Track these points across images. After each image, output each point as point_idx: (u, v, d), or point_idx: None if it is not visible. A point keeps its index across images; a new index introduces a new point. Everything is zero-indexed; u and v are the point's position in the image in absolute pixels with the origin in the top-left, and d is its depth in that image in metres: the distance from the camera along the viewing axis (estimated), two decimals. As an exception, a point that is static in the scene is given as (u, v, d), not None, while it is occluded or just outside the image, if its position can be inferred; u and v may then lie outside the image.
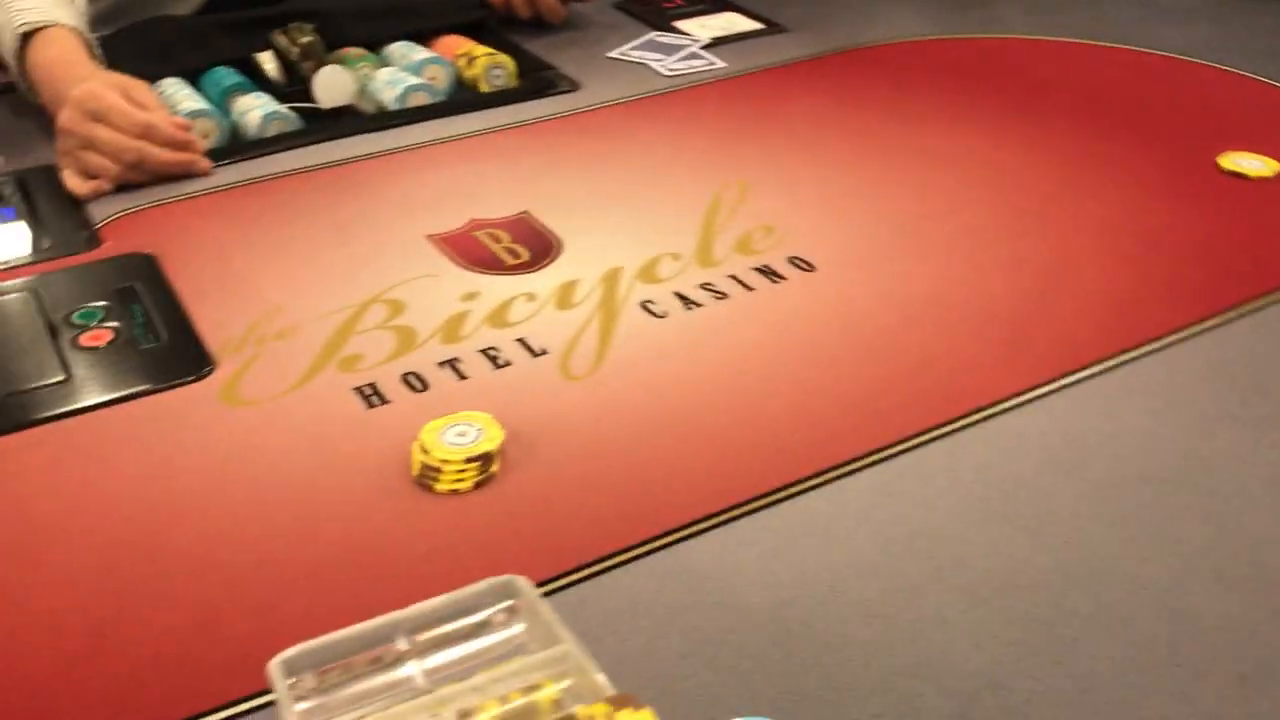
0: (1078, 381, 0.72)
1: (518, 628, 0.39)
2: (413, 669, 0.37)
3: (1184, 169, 0.98)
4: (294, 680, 0.36)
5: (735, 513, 0.62)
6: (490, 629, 0.38)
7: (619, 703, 0.32)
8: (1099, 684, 0.52)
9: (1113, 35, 1.28)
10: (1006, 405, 0.70)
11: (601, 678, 0.35)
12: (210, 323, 0.79)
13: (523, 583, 0.39)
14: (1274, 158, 0.98)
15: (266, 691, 0.45)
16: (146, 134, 0.95)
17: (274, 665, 0.37)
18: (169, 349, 0.76)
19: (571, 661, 0.36)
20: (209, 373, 0.74)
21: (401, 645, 0.38)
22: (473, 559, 0.59)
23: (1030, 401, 0.70)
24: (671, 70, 1.20)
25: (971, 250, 0.86)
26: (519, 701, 0.35)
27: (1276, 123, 1.06)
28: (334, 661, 0.37)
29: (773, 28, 1.31)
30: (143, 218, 0.92)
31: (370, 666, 0.38)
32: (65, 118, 0.95)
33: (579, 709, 0.32)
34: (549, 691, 0.36)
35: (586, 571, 0.58)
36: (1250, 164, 0.97)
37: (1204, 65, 1.20)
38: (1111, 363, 0.74)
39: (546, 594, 0.57)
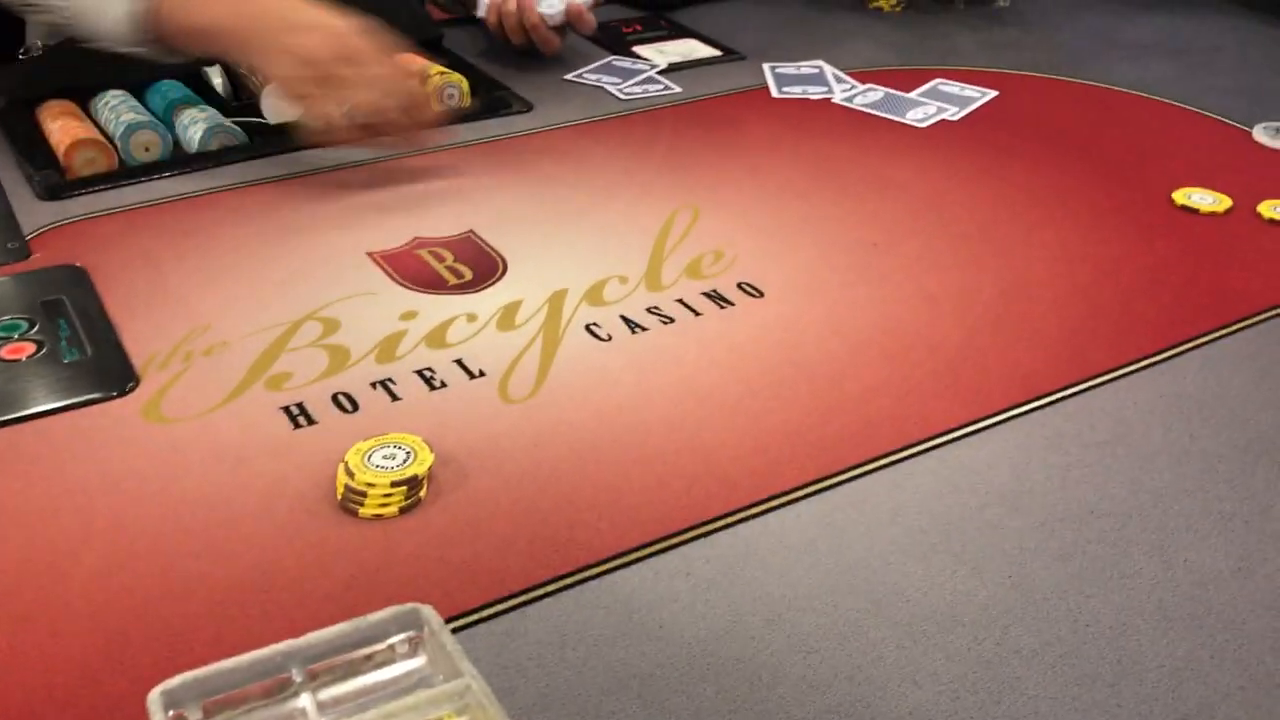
0: (1026, 413, 0.71)
1: (420, 659, 0.36)
2: (306, 701, 0.35)
3: (1138, 203, 0.97)
4: (174, 713, 0.34)
5: (671, 542, 0.60)
6: (391, 660, 0.36)
7: (508, 743, 0.30)
8: (1039, 724, 0.50)
9: (1070, 70, 1.28)
10: (953, 436, 0.68)
11: (500, 714, 0.33)
12: (137, 338, 0.76)
13: (428, 612, 0.37)
14: (1225, 193, 0.97)
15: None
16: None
17: (153, 697, 0.34)
18: (92, 364, 0.73)
19: (471, 696, 0.34)
20: (132, 389, 0.71)
21: (295, 676, 0.35)
22: (395, 587, 0.56)
23: (977, 433, 0.69)
24: (627, 94, 1.18)
25: (922, 279, 0.85)
26: (417, 739, 0.33)
27: (1228, 159, 1.06)
28: (221, 692, 0.35)
29: (730, 55, 1.31)
30: (75, 229, 0.90)
31: (262, 698, 0.35)
32: (327, 46, 0.91)
33: (467, 749, 0.30)
34: (449, 728, 0.33)
35: (514, 601, 0.56)
36: (1202, 199, 0.97)
37: (1159, 101, 1.20)
38: (1061, 395, 0.72)
39: (471, 624, 0.55)
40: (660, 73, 1.24)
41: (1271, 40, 1.41)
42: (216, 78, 1.14)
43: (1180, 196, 0.97)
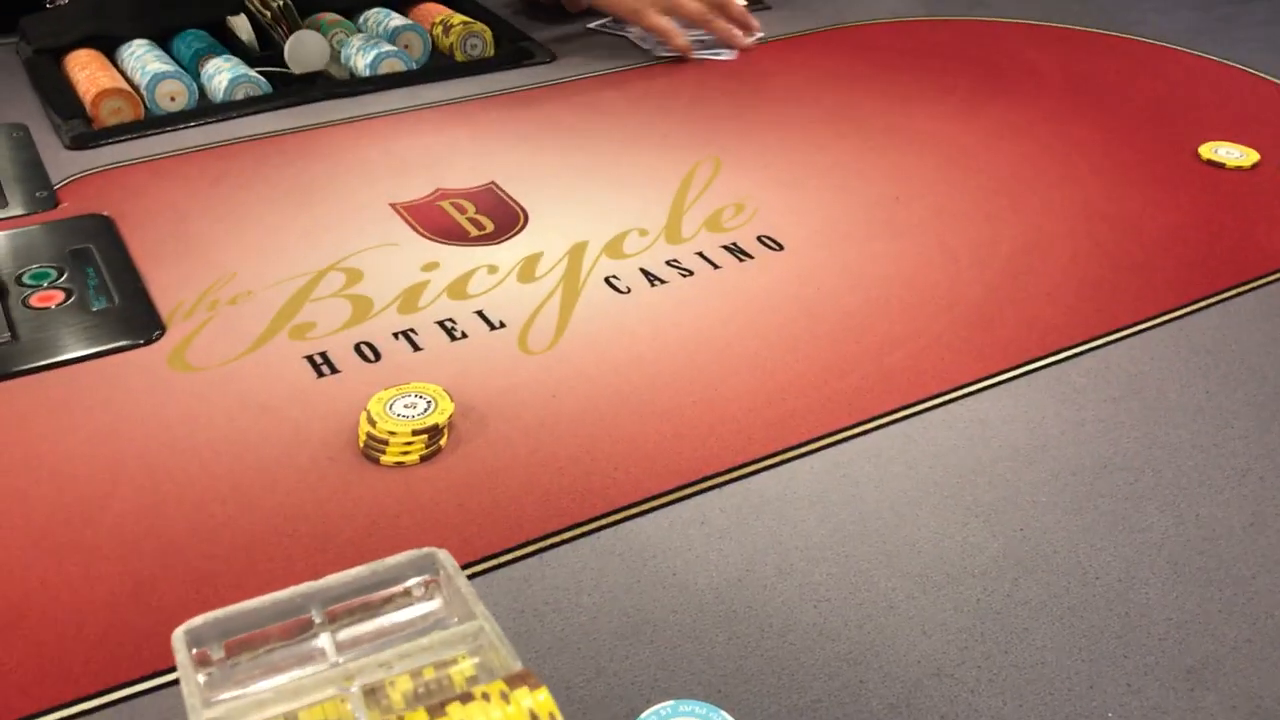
0: (1044, 367, 0.71)
1: (435, 602, 0.37)
2: (325, 641, 0.36)
3: (1163, 157, 0.96)
4: (199, 651, 0.35)
5: (686, 492, 0.61)
6: (408, 603, 0.37)
7: (515, 681, 0.31)
8: (1045, 674, 0.51)
9: (1097, 21, 1.27)
10: (970, 390, 0.69)
11: (512, 655, 0.34)
12: (163, 286, 0.77)
13: (443, 556, 0.38)
14: (1254, 148, 0.96)
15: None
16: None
17: (177, 635, 0.35)
18: (120, 312, 0.74)
19: (484, 638, 0.35)
20: (158, 337, 0.72)
21: (315, 617, 0.37)
22: (414, 532, 0.57)
23: (994, 386, 0.69)
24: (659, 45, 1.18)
25: (943, 233, 0.85)
26: (430, 677, 0.34)
27: (1257, 112, 1.05)
28: (243, 632, 0.36)
29: (757, 4, 1.30)
30: (102, 179, 0.91)
31: (281, 638, 0.36)
32: None
33: (475, 688, 0.31)
34: (463, 667, 0.34)
35: (531, 548, 0.57)
36: (1229, 153, 0.96)
37: (1187, 53, 1.18)
38: (1079, 349, 0.72)
39: (489, 569, 0.56)
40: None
41: (1307, -9, 1.39)
42: (241, 27, 1.15)
43: (1206, 151, 0.96)
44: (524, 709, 0.30)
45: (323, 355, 0.70)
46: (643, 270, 0.80)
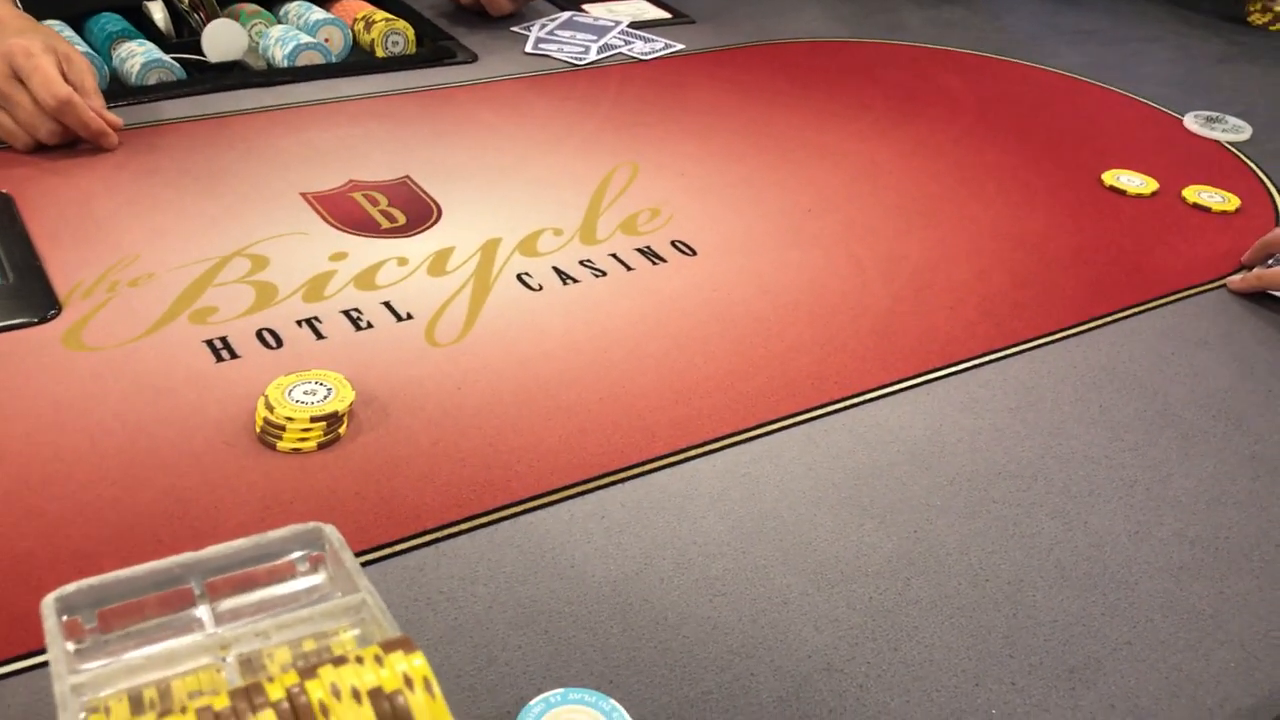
0: (944, 377, 0.72)
1: (319, 576, 0.37)
2: (203, 613, 0.35)
3: (1068, 182, 0.99)
4: (70, 620, 0.34)
5: (588, 487, 0.61)
6: (291, 576, 0.37)
7: (391, 646, 0.31)
8: (932, 671, 0.52)
9: (1012, 51, 1.30)
10: (871, 396, 0.70)
11: (393, 626, 0.33)
12: (62, 266, 0.75)
13: (330, 531, 0.37)
14: (1153, 177, 0.99)
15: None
16: (61, 111, 0.87)
17: (47, 602, 0.34)
18: (14, 290, 0.72)
19: (366, 611, 0.34)
20: (54, 316, 0.70)
21: (195, 588, 0.36)
22: (308, 518, 0.56)
23: (895, 394, 0.70)
24: (600, 52, 1.18)
25: (852, 245, 0.86)
26: (310, 649, 0.33)
27: (1157, 144, 1.09)
28: (118, 601, 0.35)
29: (680, 18, 1.31)
30: (3, 157, 0.88)
31: (159, 611, 0.35)
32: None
33: (350, 652, 0.30)
34: (343, 639, 0.34)
35: (428, 538, 0.56)
36: (1130, 181, 0.99)
37: (1097, 86, 1.22)
38: (979, 361, 0.74)
39: (383, 558, 0.55)
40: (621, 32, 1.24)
41: (1207, 32, 1.44)
42: (158, 13, 1.12)
43: (1109, 178, 0.99)
44: (398, 672, 0.30)
45: (223, 340, 0.69)
46: (556, 269, 0.80)
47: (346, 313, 0.73)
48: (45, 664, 0.47)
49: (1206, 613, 0.56)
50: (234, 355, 0.68)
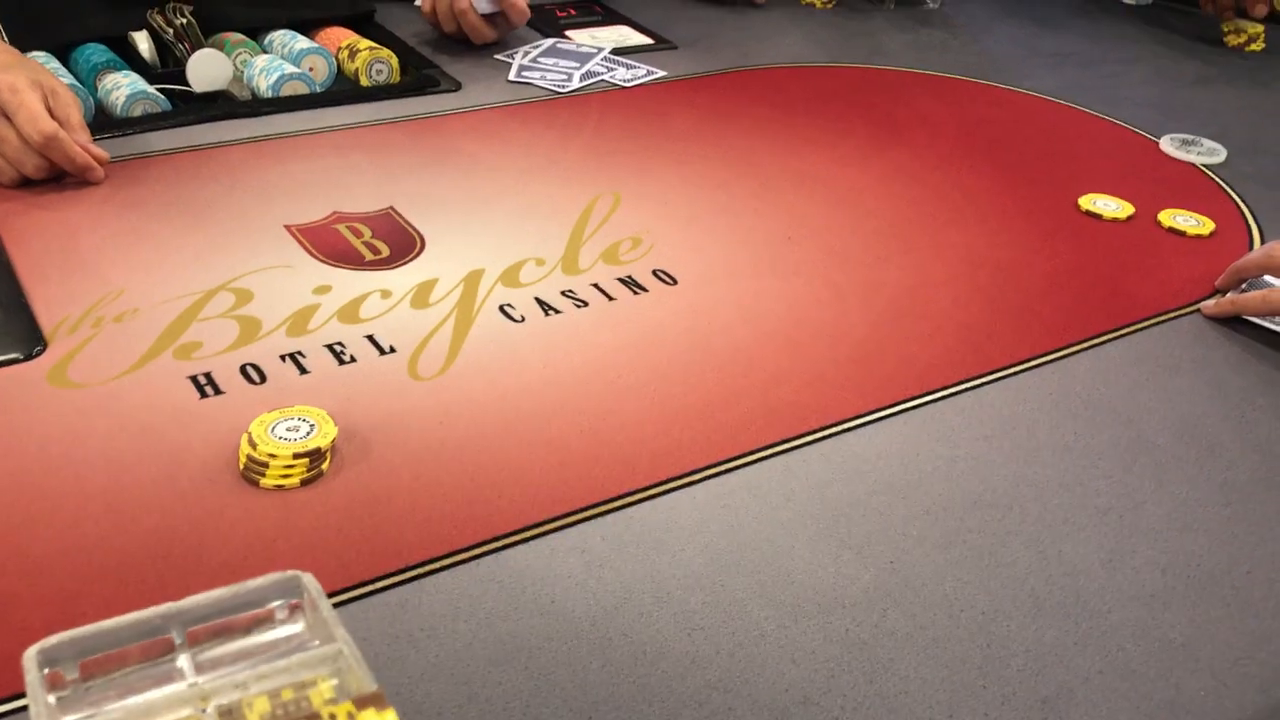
0: (920, 405, 0.73)
1: (299, 625, 0.37)
2: (184, 663, 0.36)
3: (1044, 207, 1.00)
4: (52, 671, 0.35)
5: (567, 520, 0.61)
6: (271, 625, 0.37)
7: (364, 703, 0.31)
8: (907, 703, 0.52)
9: (990, 74, 1.31)
10: (848, 425, 0.70)
11: (368, 678, 0.34)
12: (48, 302, 0.76)
13: (308, 579, 0.38)
14: (1130, 201, 1.01)
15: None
16: (47, 147, 0.87)
17: (29, 655, 0.35)
18: (0, 326, 0.73)
19: (343, 661, 0.35)
20: (39, 353, 0.71)
21: (176, 638, 0.36)
22: (291, 556, 0.57)
23: (872, 423, 0.71)
24: (583, 79, 1.19)
25: (831, 272, 0.87)
26: (289, 698, 0.34)
27: (1134, 168, 1.10)
28: (100, 652, 0.36)
29: (662, 43, 1.32)
30: (-12, 190, 0.89)
31: (140, 660, 0.36)
32: None
33: (324, 709, 0.31)
34: (322, 689, 0.35)
35: (409, 574, 0.57)
36: (1107, 205, 1.00)
37: (1073, 108, 1.23)
38: (955, 389, 0.75)
39: (366, 595, 0.56)
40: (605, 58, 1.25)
41: (1183, 54, 1.46)
42: (143, 43, 1.13)
43: (1086, 202, 1.00)
44: (371, 730, 0.31)
45: (207, 376, 0.69)
46: (538, 299, 0.81)
47: (330, 346, 0.73)
48: (26, 708, 0.48)
49: (1178, 641, 0.57)
50: (218, 391, 0.68)
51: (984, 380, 0.76)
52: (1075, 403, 0.75)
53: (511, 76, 1.19)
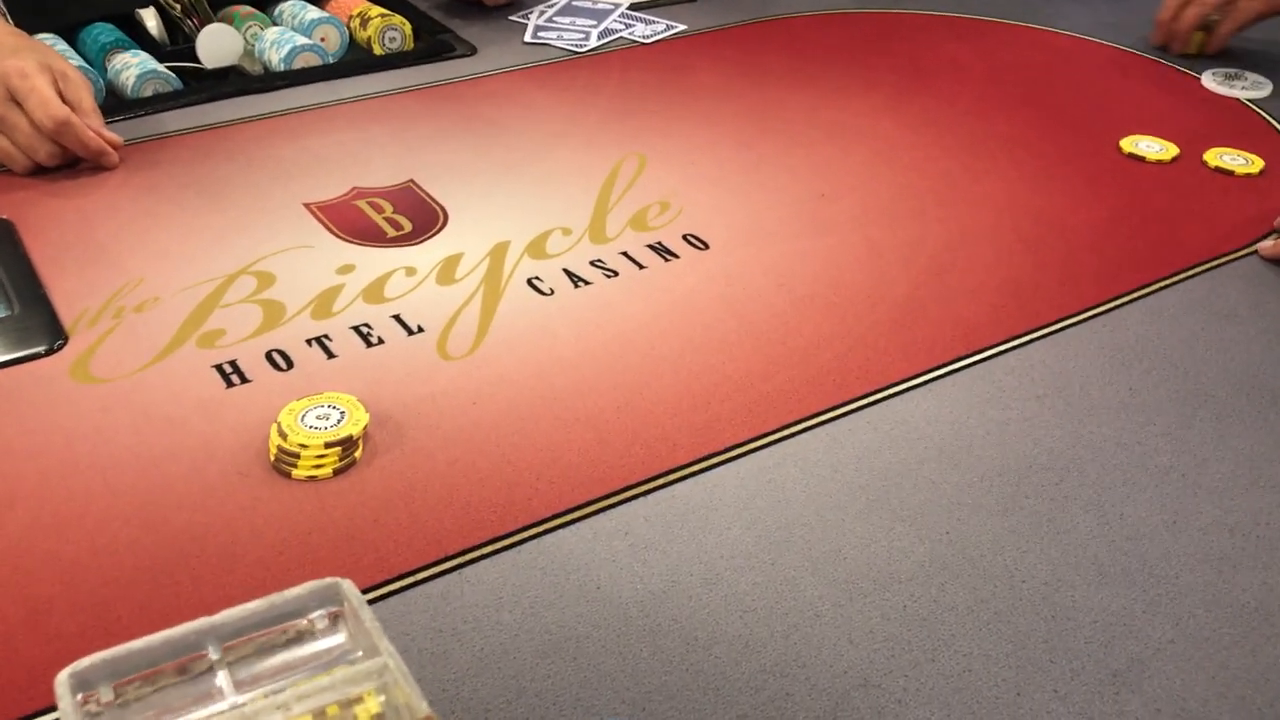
0: (967, 366, 0.70)
1: (340, 635, 0.36)
2: (222, 680, 0.34)
3: (1085, 151, 0.97)
4: (85, 695, 0.33)
5: (610, 501, 0.59)
6: (311, 636, 0.36)
7: (416, 731, 0.30)
8: (972, 682, 0.50)
9: (1017, 14, 1.27)
10: (894, 390, 0.68)
11: (417, 695, 0.32)
12: (67, 294, 0.74)
13: (347, 586, 0.36)
14: (1173, 141, 0.97)
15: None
16: (59, 133, 0.85)
17: (61, 680, 0.33)
18: (19, 321, 0.71)
19: (389, 675, 0.33)
20: (60, 347, 0.69)
21: (211, 654, 0.35)
22: (327, 550, 0.55)
23: (918, 386, 0.69)
24: (601, 37, 1.16)
25: (868, 230, 0.84)
26: (335, 715, 0.32)
27: (1175, 106, 1.06)
28: (134, 672, 0.34)
29: (682, -3, 1.28)
30: (2, 180, 0.87)
31: (176, 677, 0.34)
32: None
33: (375, 737, 0.29)
34: (369, 705, 0.33)
35: (450, 564, 0.55)
36: (1150, 147, 0.96)
37: (1110, 46, 1.19)
38: (1003, 347, 0.72)
39: (406, 587, 0.54)
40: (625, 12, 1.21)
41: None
42: (150, 21, 1.11)
43: (1128, 144, 0.97)
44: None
45: (232, 364, 0.68)
46: (566, 271, 0.78)
47: (356, 328, 0.71)
48: None
49: (1251, 605, 0.55)
50: (244, 379, 0.66)
51: (1032, 337, 0.73)
52: (1128, 356, 0.72)
53: (528, 38, 1.16)
